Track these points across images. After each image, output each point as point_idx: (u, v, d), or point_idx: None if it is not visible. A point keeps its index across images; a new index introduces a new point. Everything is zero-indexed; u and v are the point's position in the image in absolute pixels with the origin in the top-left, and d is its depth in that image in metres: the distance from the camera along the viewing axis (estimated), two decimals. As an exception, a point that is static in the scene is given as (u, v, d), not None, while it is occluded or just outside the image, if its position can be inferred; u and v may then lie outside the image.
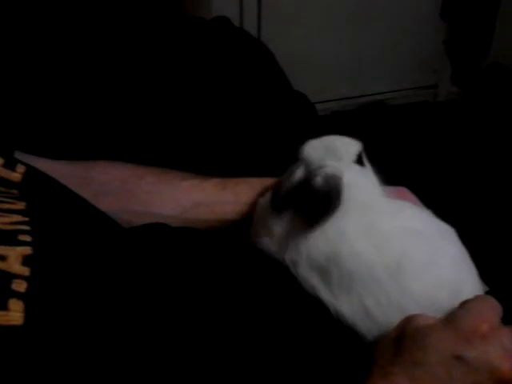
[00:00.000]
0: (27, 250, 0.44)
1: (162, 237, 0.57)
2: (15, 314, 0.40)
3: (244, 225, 0.64)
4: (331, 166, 0.57)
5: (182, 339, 0.47)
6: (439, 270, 0.55)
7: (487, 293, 0.58)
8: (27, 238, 0.45)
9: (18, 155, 0.59)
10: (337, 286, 0.54)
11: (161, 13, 0.92)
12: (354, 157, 0.60)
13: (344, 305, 0.53)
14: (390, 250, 0.54)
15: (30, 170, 0.55)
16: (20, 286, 0.42)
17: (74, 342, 0.42)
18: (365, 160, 0.62)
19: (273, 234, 0.58)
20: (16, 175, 0.53)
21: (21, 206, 0.48)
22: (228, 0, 1.53)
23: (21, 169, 0.54)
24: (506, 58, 1.83)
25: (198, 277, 0.53)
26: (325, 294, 0.54)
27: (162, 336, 0.47)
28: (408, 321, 0.50)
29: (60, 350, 0.41)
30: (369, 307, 0.53)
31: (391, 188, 0.65)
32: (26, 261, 0.43)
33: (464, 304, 0.50)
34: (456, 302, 0.51)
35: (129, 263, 0.51)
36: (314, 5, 1.65)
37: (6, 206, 0.48)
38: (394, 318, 0.52)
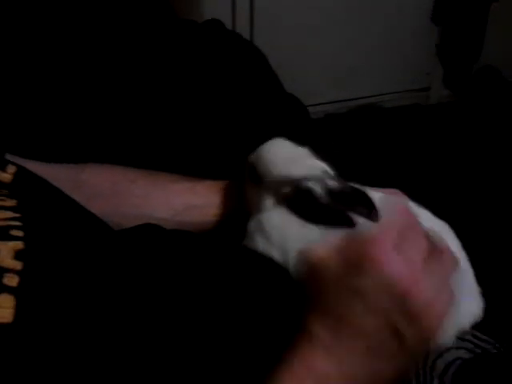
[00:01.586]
0: (19, 244, 0.44)
1: (154, 235, 0.57)
2: (5, 310, 0.39)
3: (236, 226, 0.64)
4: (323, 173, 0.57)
5: (173, 340, 0.47)
6: None
7: (482, 295, 0.58)
8: (19, 233, 0.45)
9: (9, 158, 0.58)
10: None
11: (153, 15, 0.91)
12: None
13: None
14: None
15: (21, 171, 0.55)
16: (12, 280, 0.41)
17: (65, 340, 0.41)
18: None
19: (270, 238, 0.58)
20: (6, 176, 0.53)
21: (11, 203, 0.48)
22: (220, 2, 1.53)
23: (11, 169, 0.54)
24: (496, 61, 1.84)
25: (190, 278, 0.53)
26: None
27: (152, 332, 0.46)
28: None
29: (51, 349, 0.40)
30: None
31: (383, 190, 0.64)
32: (18, 255, 0.43)
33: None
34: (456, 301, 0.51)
35: (121, 260, 0.51)
36: (306, 8, 1.65)
37: None
38: None
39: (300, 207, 0.56)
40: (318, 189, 0.55)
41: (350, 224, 0.53)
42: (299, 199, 0.56)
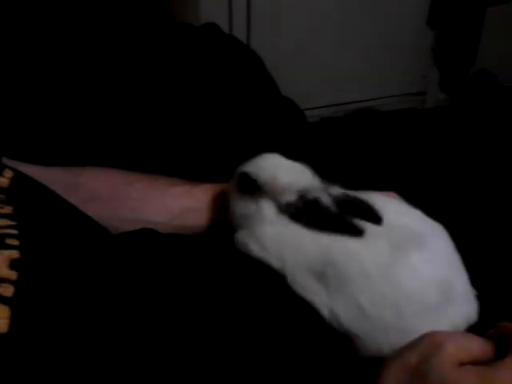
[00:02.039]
0: (15, 253, 0.44)
1: (150, 242, 0.57)
2: (0, 320, 0.39)
3: (233, 230, 0.64)
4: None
5: (170, 347, 0.47)
6: (431, 267, 0.55)
7: (477, 297, 0.58)
8: (15, 242, 0.44)
9: (6, 161, 0.58)
10: (333, 289, 0.54)
11: (150, 19, 0.92)
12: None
13: (340, 306, 0.54)
14: (381, 247, 0.54)
15: (18, 175, 0.54)
16: (7, 291, 0.41)
17: (61, 350, 0.41)
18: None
19: (263, 244, 0.58)
20: (3, 180, 0.53)
21: (8, 210, 0.48)
22: (217, 6, 1.53)
23: (8, 174, 0.54)
24: (492, 65, 1.85)
25: (187, 283, 0.53)
26: (323, 297, 0.55)
27: (149, 340, 0.46)
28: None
29: (47, 359, 0.40)
30: (363, 306, 0.53)
31: (380, 193, 0.65)
32: (13, 264, 0.43)
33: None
34: (447, 299, 0.51)
35: (118, 268, 0.51)
36: (302, 11, 1.65)
37: None
38: (387, 316, 0.53)
39: (308, 216, 0.57)
40: (325, 198, 0.56)
41: (358, 233, 0.55)
42: (307, 209, 0.56)
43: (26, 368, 0.39)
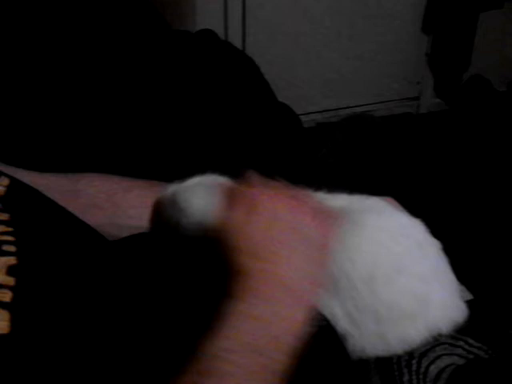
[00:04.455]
0: (12, 260, 0.44)
1: (146, 244, 0.58)
2: (1, 322, 0.40)
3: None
4: None
5: (168, 350, 0.47)
6: (405, 280, 0.56)
7: (472, 301, 0.59)
8: (11, 248, 0.45)
9: (3, 168, 0.58)
10: (332, 293, 0.57)
11: (146, 26, 0.92)
12: None
13: (336, 308, 0.57)
14: (363, 261, 0.56)
15: (14, 183, 0.54)
16: (5, 296, 0.42)
17: (60, 349, 0.42)
18: None
19: None
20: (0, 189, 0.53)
21: (4, 216, 0.48)
22: (213, 13, 1.54)
23: (4, 181, 0.54)
24: (485, 71, 1.86)
25: (183, 287, 0.53)
26: (324, 299, 0.56)
27: (145, 340, 0.47)
28: None
29: (47, 358, 0.41)
30: (351, 312, 0.56)
31: (377, 198, 0.65)
32: (10, 271, 0.43)
33: None
34: (424, 306, 0.54)
35: (114, 272, 0.51)
36: (298, 18, 1.66)
37: None
38: (369, 322, 0.55)
39: None
40: None
41: None
42: None
43: (27, 365, 0.40)
